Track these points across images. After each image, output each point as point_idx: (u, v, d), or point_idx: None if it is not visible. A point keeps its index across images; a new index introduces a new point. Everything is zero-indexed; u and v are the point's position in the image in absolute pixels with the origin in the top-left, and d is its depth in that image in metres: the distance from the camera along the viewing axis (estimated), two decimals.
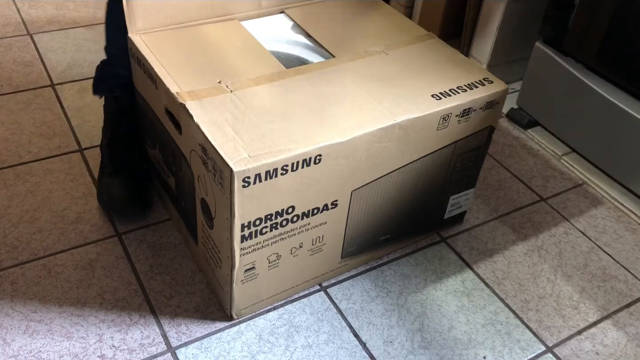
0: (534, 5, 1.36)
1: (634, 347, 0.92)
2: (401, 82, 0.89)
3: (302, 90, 0.85)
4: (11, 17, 1.55)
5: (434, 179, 0.95)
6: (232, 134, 0.76)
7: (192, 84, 0.84)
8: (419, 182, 0.93)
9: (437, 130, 0.88)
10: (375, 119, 0.81)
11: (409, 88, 0.88)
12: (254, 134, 0.77)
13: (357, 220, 0.90)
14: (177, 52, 0.90)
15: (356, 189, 0.86)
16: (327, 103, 0.83)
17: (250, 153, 0.74)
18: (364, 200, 0.88)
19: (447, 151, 0.92)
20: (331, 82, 0.87)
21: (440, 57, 0.96)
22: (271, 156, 0.74)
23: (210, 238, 0.85)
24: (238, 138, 0.76)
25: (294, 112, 0.81)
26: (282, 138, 0.77)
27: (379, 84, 0.88)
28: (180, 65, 0.87)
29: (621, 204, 1.18)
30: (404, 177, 0.90)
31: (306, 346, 0.87)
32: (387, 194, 0.90)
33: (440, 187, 0.98)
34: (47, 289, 0.91)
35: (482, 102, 0.89)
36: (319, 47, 0.97)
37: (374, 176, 0.86)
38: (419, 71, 0.92)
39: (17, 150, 1.15)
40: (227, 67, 0.88)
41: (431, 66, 0.93)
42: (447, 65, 0.94)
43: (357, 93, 0.86)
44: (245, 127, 0.78)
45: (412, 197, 0.95)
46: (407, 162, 0.88)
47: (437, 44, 0.99)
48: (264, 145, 0.75)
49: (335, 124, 0.80)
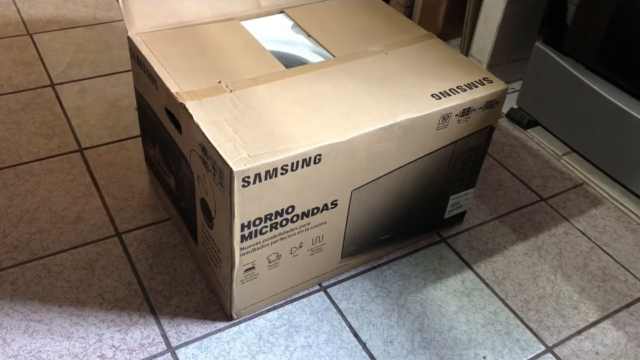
0: (534, 5, 1.36)
1: (634, 347, 0.92)
2: (401, 81, 0.89)
3: (302, 90, 0.85)
4: (11, 17, 1.55)
5: (434, 179, 0.95)
6: (232, 133, 0.76)
7: (192, 84, 0.84)
8: (419, 181, 0.93)
9: (437, 130, 0.88)
10: (375, 119, 0.81)
11: (408, 88, 0.88)
12: (253, 133, 0.77)
13: (357, 220, 0.90)
14: (177, 52, 0.90)
15: (356, 188, 0.86)
16: (327, 103, 0.83)
17: (250, 153, 0.74)
18: (364, 200, 0.88)
19: (447, 151, 0.92)
20: (331, 82, 0.87)
21: (440, 57, 0.96)
22: (271, 156, 0.74)
23: (210, 238, 0.85)
24: (238, 138, 0.76)
25: (293, 112, 0.81)
26: (282, 138, 0.77)
27: (378, 84, 0.88)
28: (180, 65, 0.87)
29: (621, 204, 1.18)
30: (404, 176, 0.90)
31: (306, 346, 0.87)
32: (387, 194, 0.90)
33: (440, 187, 0.98)
34: (47, 289, 0.91)
35: (481, 102, 0.89)
36: (319, 47, 0.97)
37: (373, 176, 0.86)
38: (419, 71, 0.92)
39: (17, 150, 1.15)
40: (227, 67, 0.88)
41: (431, 66, 0.93)
42: (446, 65, 0.94)
43: (357, 93, 0.86)
44: (245, 127, 0.78)
45: (412, 197, 0.95)
46: (407, 161, 0.88)
47: (437, 43, 0.99)
48: (263, 145, 0.75)
49: (335, 123, 0.80)
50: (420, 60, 0.95)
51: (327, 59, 0.94)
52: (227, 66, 0.88)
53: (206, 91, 0.83)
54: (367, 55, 0.94)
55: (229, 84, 0.84)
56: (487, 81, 0.91)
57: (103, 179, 1.11)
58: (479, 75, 0.93)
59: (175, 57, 0.89)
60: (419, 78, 0.90)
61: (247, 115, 0.79)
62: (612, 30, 1.13)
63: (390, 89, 0.87)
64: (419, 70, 0.92)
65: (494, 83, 0.91)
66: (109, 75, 1.38)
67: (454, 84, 0.90)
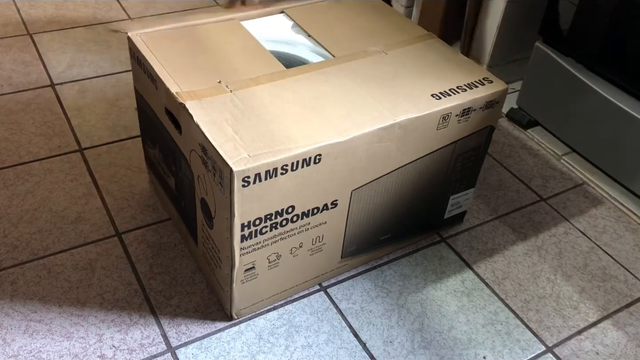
0: (534, 5, 1.36)
1: (634, 347, 0.92)
2: (401, 82, 0.89)
3: (302, 90, 0.85)
4: (11, 17, 1.55)
5: (434, 179, 0.95)
6: (232, 133, 0.76)
7: (192, 84, 0.84)
8: (419, 181, 0.93)
9: (437, 130, 0.87)
10: (375, 119, 0.81)
11: (408, 88, 0.88)
12: (253, 133, 0.77)
13: (357, 220, 0.90)
14: (177, 52, 0.90)
15: (356, 188, 0.85)
16: (327, 103, 0.83)
17: (250, 153, 0.74)
18: (363, 200, 0.88)
19: (447, 151, 0.92)
20: (331, 82, 0.87)
21: (440, 57, 0.96)
22: (271, 156, 0.74)
23: (210, 238, 0.85)
24: (238, 138, 0.76)
25: (293, 112, 0.81)
26: (282, 138, 0.77)
27: (378, 84, 0.88)
28: (180, 65, 0.87)
29: (621, 204, 1.18)
30: (403, 176, 0.90)
31: (306, 346, 0.87)
32: (387, 194, 0.90)
33: (440, 187, 0.98)
34: (47, 289, 0.91)
35: (482, 102, 0.89)
36: (318, 47, 0.97)
37: (374, 176, 0.86)
38: (419, 71, 0.92)
39: (17, 150, 1.15)
40: (227, 67, 0.88)
41: (431, 66, 0.93)
42: (446, 65, 0.94)
43: (357, 93, 0.86)
44: (245, 127, 0.78)
45: (412, 197, 0.94)
46: (407, 161, 0.88)
47: (437, 43, 0.99)
48: (263, 145, 0.75)
49: (335, 123, 0.80)
50: (420, 60, 0.95)
51: (327, 59, 0.94)
52: (227, 66, 0.88)
53: (206, 91, 0.83)
54: (367, 55, 0.94)
55: (229, 84, 0.84)
56: (487, 81, 0.91)
57: (103, 179, 1.11)
58: (479, 75, 0.93)
59: (175, 57, 0.89)
60: (419, 78, 0.90)
61: (247, 115, 0.79)
62: (612, 31, 1.13)
63: (390, 89, 0.87)
64: (419, 70, 0.92)
65: (494, 83, 0.91)
66: (109, 75, 1.38)
67: (454, 84, 0.90)
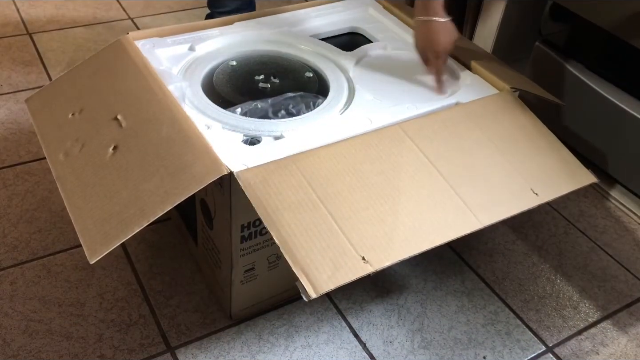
0: (534, 5, 1.36)
1: (634, 347, 0.92)
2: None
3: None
4: (11, 17, 1.55)
5: None
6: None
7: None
8: None
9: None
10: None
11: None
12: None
13: None
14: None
15: None
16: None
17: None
18: None
19: None
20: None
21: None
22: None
23: (210, 239, 0.85)
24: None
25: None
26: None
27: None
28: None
29: (621, 204, 1.17)
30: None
31: (306, 346, 0.87)
32: None
33: None
34: (46, 288, 0.91)
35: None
36: (323, 49, 0.97)
37: None
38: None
39: (17, 150, 1.15)
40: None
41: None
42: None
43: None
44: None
45: None
46: None
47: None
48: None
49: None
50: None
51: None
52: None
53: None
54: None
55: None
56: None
57: None
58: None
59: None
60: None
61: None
62: (612, 31, 1.13)
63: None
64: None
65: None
66: None
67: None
